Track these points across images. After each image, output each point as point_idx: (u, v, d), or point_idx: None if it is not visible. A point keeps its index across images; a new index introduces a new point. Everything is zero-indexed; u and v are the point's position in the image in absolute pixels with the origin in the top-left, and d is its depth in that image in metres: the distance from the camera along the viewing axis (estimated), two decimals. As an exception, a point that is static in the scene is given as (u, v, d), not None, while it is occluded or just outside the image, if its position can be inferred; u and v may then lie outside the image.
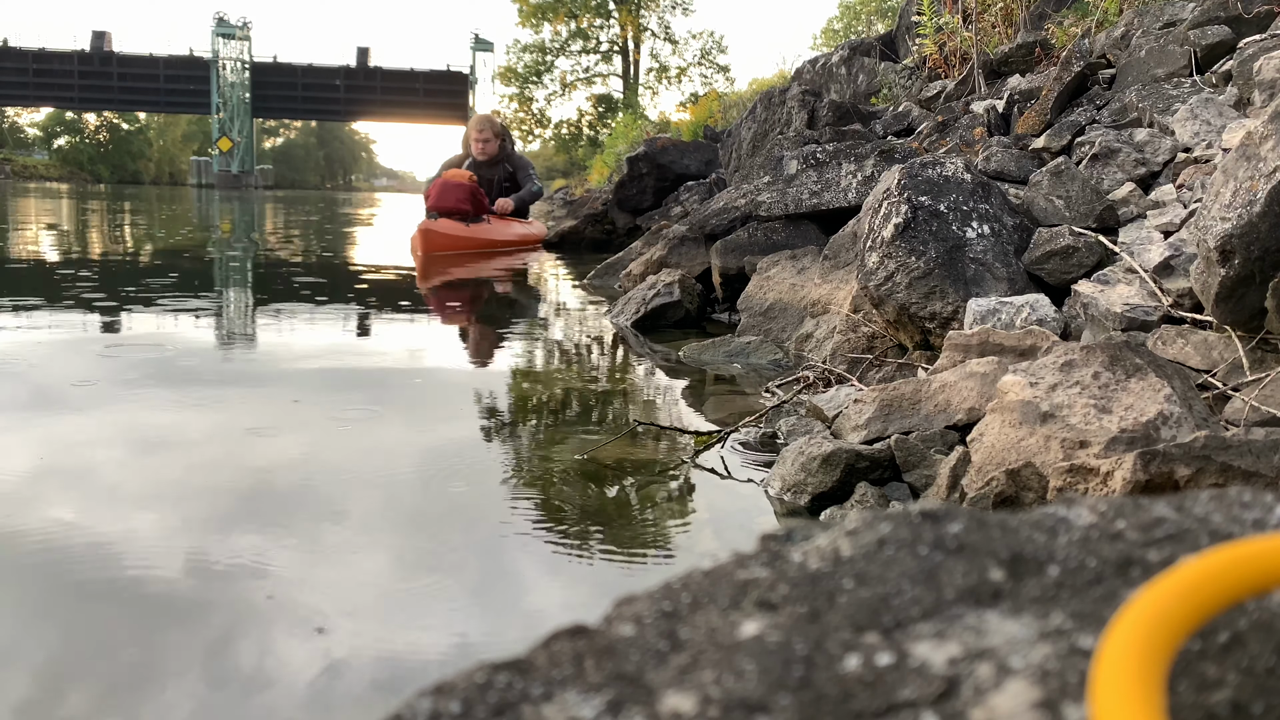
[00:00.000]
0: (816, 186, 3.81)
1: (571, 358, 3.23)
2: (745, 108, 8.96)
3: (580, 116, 44.55)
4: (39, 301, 4.10)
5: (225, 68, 55.46)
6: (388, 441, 2.02)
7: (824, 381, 2.44)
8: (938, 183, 2.58)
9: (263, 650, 1.12)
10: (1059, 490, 1.28)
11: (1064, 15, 5.71)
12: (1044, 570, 0.44)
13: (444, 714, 0.37)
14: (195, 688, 1.03)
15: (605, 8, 42.58)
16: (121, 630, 1.16)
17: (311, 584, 1.30)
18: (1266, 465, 1.11)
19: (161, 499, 1.62)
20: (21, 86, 58.47)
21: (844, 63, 8.24)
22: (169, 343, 3.17)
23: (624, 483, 1.79)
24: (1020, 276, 2.44)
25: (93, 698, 1.01)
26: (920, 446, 1.70)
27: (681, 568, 1.08)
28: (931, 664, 0.37)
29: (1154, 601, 0.37)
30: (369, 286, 5.33)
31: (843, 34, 33.37)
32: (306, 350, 3.13)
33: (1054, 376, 1.48)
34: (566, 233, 8.68)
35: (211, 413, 2.22)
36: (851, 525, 0.49)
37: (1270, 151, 1.64)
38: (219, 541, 1.43)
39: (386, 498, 1.65)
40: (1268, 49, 3.03)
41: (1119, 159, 2.92)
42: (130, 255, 6.95)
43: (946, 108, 5.09)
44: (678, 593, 0.44)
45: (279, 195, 37.68)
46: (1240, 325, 1.78)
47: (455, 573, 1.36)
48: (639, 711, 0.36)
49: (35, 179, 60.13)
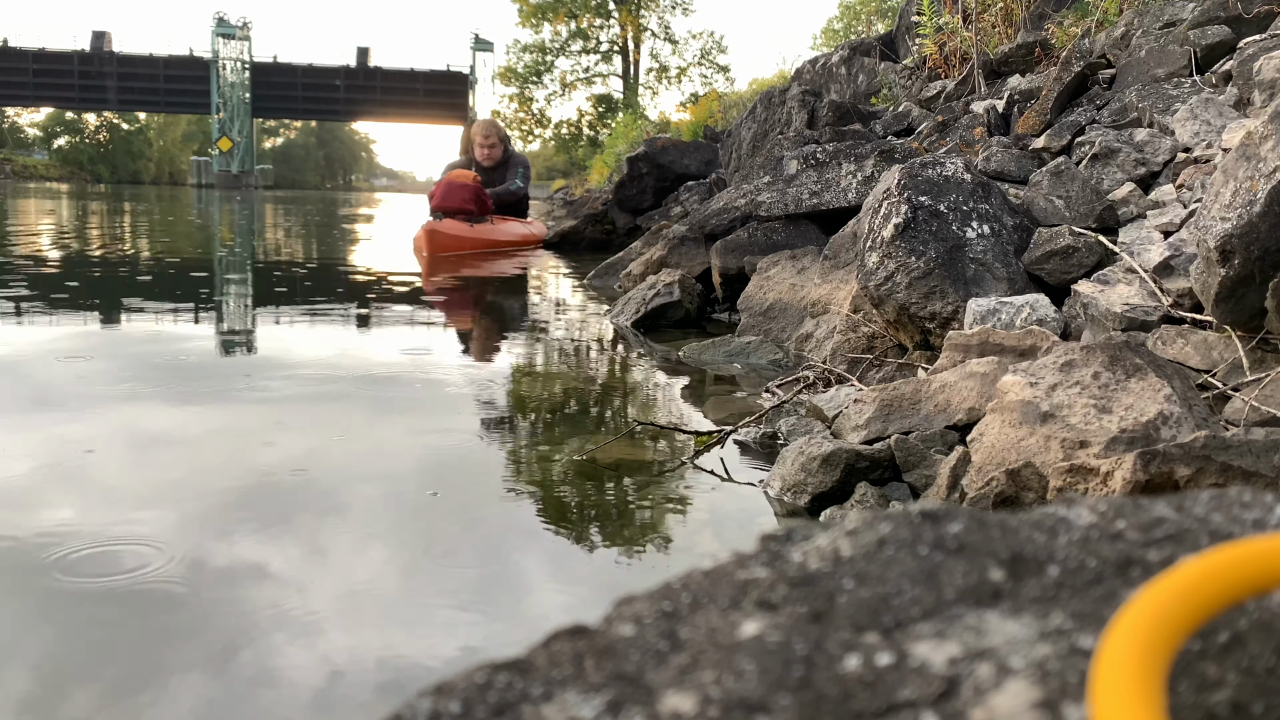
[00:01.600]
0: (816, 186, 3.81)
1: (571, 358, 3.23)
2: (745, 108, 8.96)
3: (580, 116, 44.55)
4: (40, 303, 4.10)
5: (225, 68, 55.46)
6: (387, 442, 2.02)
7: (824, 381, 2.44)
8: (938, 183, 2.58)
9: (265, 651, 1.12)
10: (1059, 490, 1.28)
11: (1064, 15, 5.71)
12: (1044, 570, 0.44)
13: (444, 714, 0.37)
14: (198, 689, 1.03)
15: (605, 8, 42.58)
16: (122, 634, 1.16)
17: (310, 583, 1.30)
18: (1266, 465, 1.11)
19: (162, 499, 1.62)
20: (21, 86, 58.47)
21: (844, 63, 8.24)
22: (170, 345, 3.17)
23: (624, 483, 1.79)
24: (1020, 276, 2.44)
25: (94, 700, 1.01)
26: (920, 446, 1.70)
27: (681, 568, 1.08)
28: (931, 664, 0.37)
29: (1154, 601, 0.37)
30: (372, 288, 5.34)
31: (843, 34, 33.36)
32: (307, 351, 3.13)
33: (1054, 376, 1.48)
34: (566, 233, 8.68)
35: (212, 412, 2.22)
36: (851, 525, 0.49)
37: (1270, 151, 1.64)
38: (218, 541, 1.43)
39: (385, 497, 1.65)
40: (1268, 49, 3.03)
41: (1119, 159, 2.92)
42: (131, 257, 6.95)
43: (946, 108, 5.09)
44: (678, 593, 0.44)
45: (279, 195, 37.69)
46: (1240, 325, 1.78)
47: (455, 573, 1.36)
48: (639, 711, 0.36)
49: (35, 179, 60.15)
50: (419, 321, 3.97)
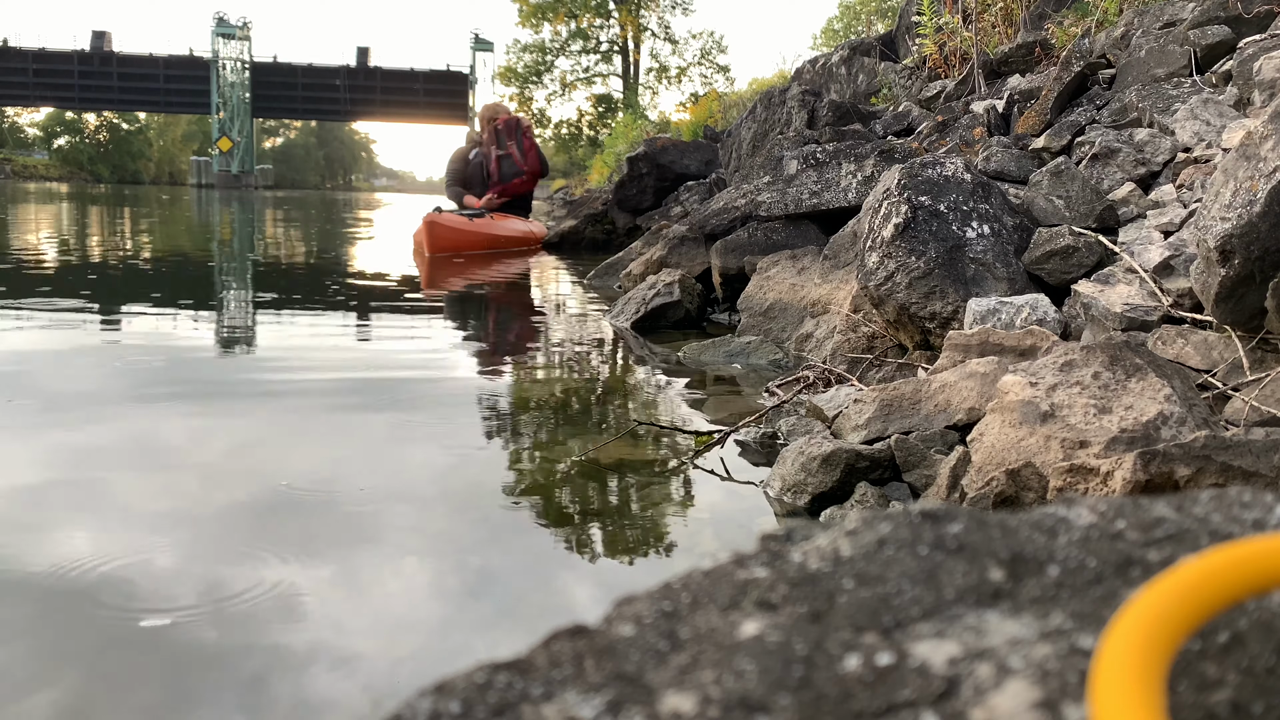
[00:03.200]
0: (816, 186, 3.81)
1: (571, 358, 3.23)
2: (745, 108, 8.96)
3: (580, 116, 44.52)
4: (40, 305, 4.10)
5: (225, 68, 55.44)
6: (387, 442, 2.02)
7: (824, 381, 2.44)
8: (938, 183, 2.58)
9: (270, 649, 1.12)
10: (1059, 490, 1.28)
11: (1064, 15, 5.71)
12: (1044, 570, 0.44)
13: (444, 714, 0.36)
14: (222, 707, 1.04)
15: (605, 8, 42.55)
16: (138, 661, 1.16)
17: (310, 580, 1.30)
18: (1266, 465, 1.11)
19: (173, 510, 1.62)
20: (21, 86, 58.44)
21: (844, 63, 8.24)
22: (172, 350, 3.17)
23: (624, 483, 1.79)
24: (1020, 276, 2.44)
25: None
26: (920, 446, 1.70)
27: (681, 568, 1.08)
28: (931, 664, 0.37)
29: (1154, 601, 0.37)
30: (373, 290, 5.34)
31: (843, 34, 33.34)
32: (308, 355, 3.13)
33: (1054, 376, 1.48)
34: (566, 233, 8.68)
35: (212, 416, 2.22)
36: (851, 525, 0.49)
37: (1270, 151, 1.64)
38: (218, 540, 1.43)
39: (382, 497, 1.65)
40: (1268, 49, 3.03)
41: (1119, 159, 2.92)
42: (132, 259, 6.95)
43: (946, 108, 5.09)
44: (678, 593, 0.44)
45: (279, 195, 37.69)
46: (1240, 325, 1.78)
47: (454, 572, 1.36)
48: (639, 711, 0.36)
49: (35, 179, 60.14)
50: (420, 324, 3.97)
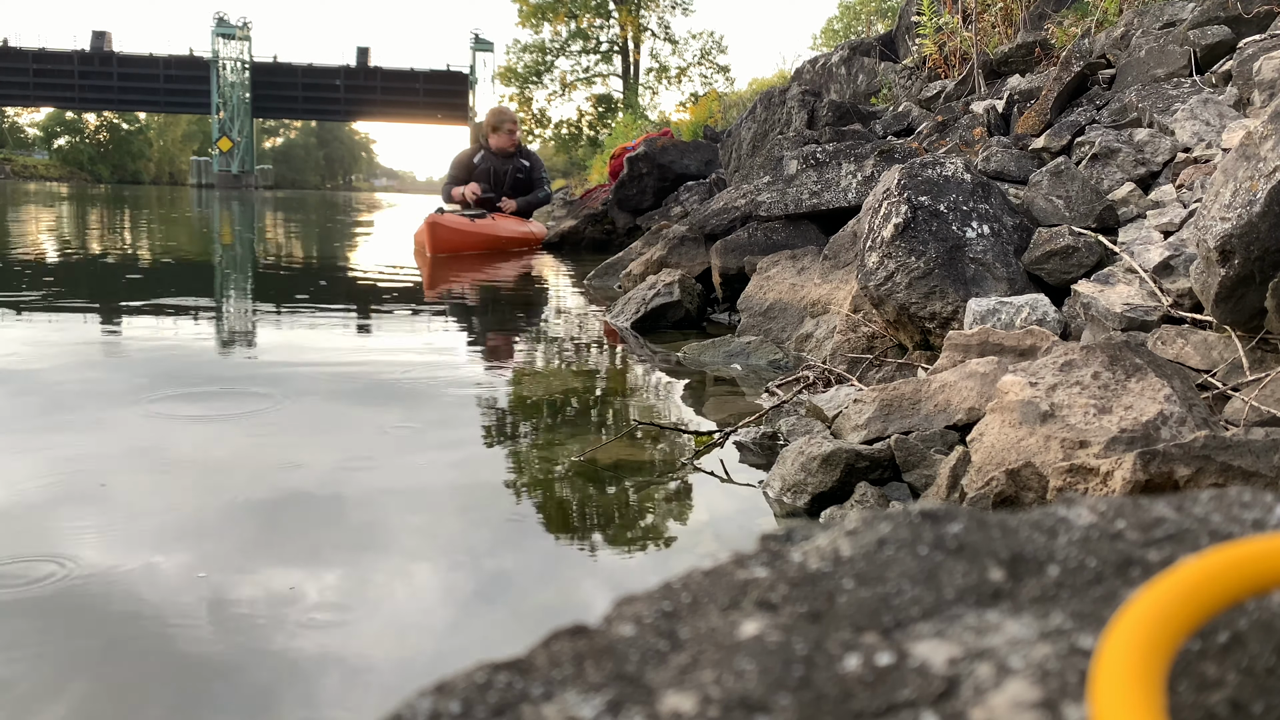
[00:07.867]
0: (816, 186, 3.81)
1: (571, 358, 3.23)
2: (745, 108, 8.96)
3: (580, 116, 44.53)
4: (40, 305, 4.10)
5: (225, 68, 55.43)
6: (387, 442, 2.02)
7: (824, 381, 2.44)
8: (937, 183, 2.58)
9: (265, 642, 1.12)
10: (1059, 490, 1.28)
11: (1064, 15, 5.71)
12: (1044, 570, 0.44)
13: (444, 714, 0.36)
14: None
15: (605, 8, 42.55)
16: (146, 670, 1.16)
17: (316, 583, 1.30)
18: (1266, 465, 1.11)
19: (178, 513, 1.62)
20: (21, 86, 58.45)
21: (844, 63, 8.24)
22: (172, 350, 3.17)
23: (624, 483, 1.79)
24: (1020, 276, 2.44)
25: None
26: (920, 446, 1.70)
27: (681, 568, 1.08)
28: (931, 664, 0.37)
29: (1154, 601, 0.37)
30: (374, 291, 5.34)
31: (843, 34, 33.33)
32: (309, 355, 3.13)
33: (1054, 376, 1.48)
34: (566, 233, 8.68)
35: (214, 416, 2.22)
36: (851, 525, 0.49)
37: (1270, 151, 1.64)
38: (225, 543, 1.43)
39: (384, 498, 1.65)
40: (1268, 49, 3.03)
41: (1119, 159, 2.92)
42: (132, 259, 6.95)
43: (946, 108, 5.08)
44: (678, 593, 0.44)
45: (279, 195, 37.69)
46: (1240, 325, 1.78)
47: (455, 572, 1.36)
48: (639, 711, 0.36)
49: (35, 179, 60.15)
50: (420, 324, 3.97)
